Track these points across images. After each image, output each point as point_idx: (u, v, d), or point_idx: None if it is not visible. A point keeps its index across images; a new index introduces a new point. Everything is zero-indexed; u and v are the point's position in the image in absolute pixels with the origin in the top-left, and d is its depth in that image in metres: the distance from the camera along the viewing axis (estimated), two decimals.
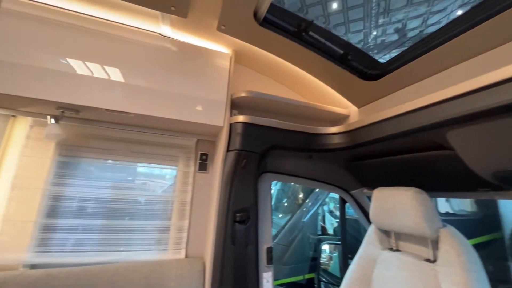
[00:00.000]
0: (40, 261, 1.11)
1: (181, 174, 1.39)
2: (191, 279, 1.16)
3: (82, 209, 1.21)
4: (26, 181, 1.14)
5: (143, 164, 1.37)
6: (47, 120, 1.13)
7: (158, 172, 1.42)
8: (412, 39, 1.97)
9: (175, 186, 1.38)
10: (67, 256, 1.14)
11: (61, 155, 1.22)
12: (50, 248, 1.13)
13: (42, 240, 1.13)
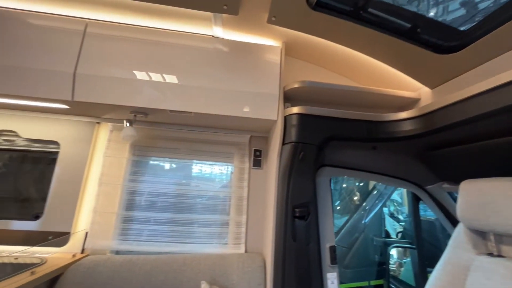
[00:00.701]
0: (122, 248, 1.26)
1: (237, 170, 1.42)
2: (252, 274, 1.16)
3: (152, 203, 1.34)
4: (109, 178, 1.32)
5: (202, 162, 1.44)
6: (123, 124, 1.28)
7: (216, 168, 1.48)
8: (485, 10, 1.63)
9: (231, 182, 1.42)
10: (142, 245, 1.27)
11: (135, 155, 1.38)
12: (129, 237, 1.28)
13: (123, 230, 1.28)
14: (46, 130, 1.32)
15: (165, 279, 1.10)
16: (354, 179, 3.23)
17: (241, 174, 1.42)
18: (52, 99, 1.12)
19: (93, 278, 1.06)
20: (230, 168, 1.45)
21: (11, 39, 1.12)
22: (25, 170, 1.38)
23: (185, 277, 1.11)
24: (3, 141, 1.32)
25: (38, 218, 1.24)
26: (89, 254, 1.20)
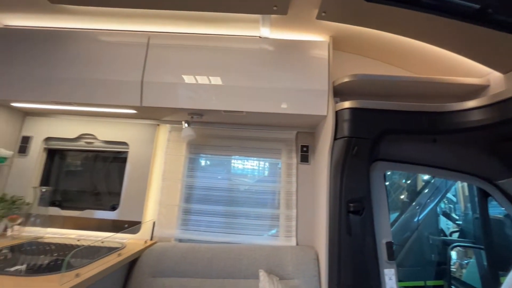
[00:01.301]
0: (184, 236, 1.40)
1: (284, 165, 1.46)
2: (307, 266, 1.19)
3: (208, 197, 1.46)
4: (170, 174, 1.47)
5: (252, 158, 1.51)
6: (182, 125, 1.41)
7: (265, 164, 1.54)
8: None
9: (280, 177, 1.46)
10: (201, 235, 1.39)
11: (191, 153, 1.51)
12: (189, 227, 1.41)
13: (184, 220, 1.42)
14: (117, 132, 1.51)
15: (224, 266, 1.19)
16: (399, 177, 3.04)
17: (289, 169, 1.45)
18: (125, 106, 1.28)
19: (164, 262, 1.20)
20: (278, 163, 1.50)
21: (87, 56, 1.30)
22: (101, 168, 1.60)
23: (242, 265, 1.19)
24: (84, 143, 1.55)
25: (115, 209, 1.44)
26: (157, 242, 1.35)
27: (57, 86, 1.27)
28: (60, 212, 1.44)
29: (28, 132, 1.53)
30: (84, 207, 1.48)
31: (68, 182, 1.59)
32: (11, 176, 1.46)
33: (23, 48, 1.31)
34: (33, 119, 1.55)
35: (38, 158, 1.50)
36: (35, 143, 1.51)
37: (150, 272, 1.17)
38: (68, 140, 1.54)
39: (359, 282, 1.05)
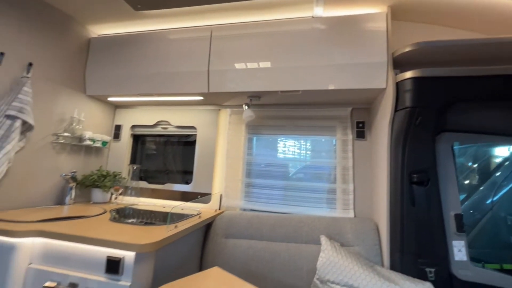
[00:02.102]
0: (247, 207, 1.57)
1: (340, 142, 1.50)
2: (366, 235, 1.24)
3: (267, 172, 1.60)
4: (233, 152, 1.64)
5: (307, 136, 1.59)
6: (240, 109, 1.56)
7: (320, 141, 1.60)
8: None
9: (336, 153, 1.51)
10: (262, 206, 1.54)
11: (249, 133, 1.66)
12: (251, 199, 1.58)
13: (247, 193, 1.59)
14: (187, 118, 1.75)
15: (286, 232, 1.32)
16: (465, 159, 2.74)
17: (344, 146, 1.49)
18: (194, 93, 1.48)
19: (233, 226, 1.39)
20: (333, 140, 1.54)
21: (161, 53, 1.53)
22: (175, 150, 1.88)
23: (303, 232, 1.30)
24: (161, 128, 1.83)
25: (189, 183, 1.69)
26: (225, 211, 1.55)
27: (140, 81, 1.54)
28: (147, 185, 1.75)
29: (119, 121, 1.88)
30: (165, 181, 1.77)
31: (149, 162, 1.91)
32: (110, 157, 1.84)
33: (113, 52, 1.61)
34: (121, 111, 1.89)
35: (127, 142, 1.84)
36: (125, 130, 1.86)
37: (223, 234, 1.37)
38: (148, 127, 1.84)
39: (424, 251, 1.06)
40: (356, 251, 1.21)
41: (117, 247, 0.85)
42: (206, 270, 1.01)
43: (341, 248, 1.17)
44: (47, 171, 1.41)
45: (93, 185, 1.57)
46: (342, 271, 1.06)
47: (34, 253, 0.94)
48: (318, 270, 1.12)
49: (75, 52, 1.58)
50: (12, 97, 1.22)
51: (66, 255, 0.91)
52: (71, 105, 1.54)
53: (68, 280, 0.88)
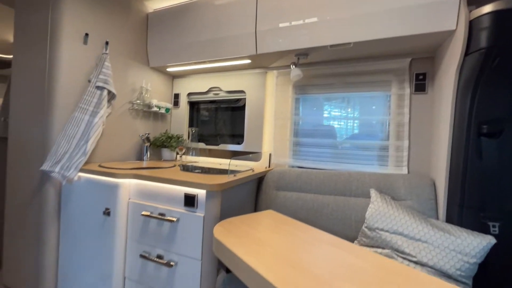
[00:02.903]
0: (296, 164, 1.66)
1: (395, 97, 1.41)
2: (421, 190, 1.21)
3: (315, 131, 1.63)
4: (280, 113, 1.71)
5: (357, 93, 1.53)
6: (287, 70, 1.57)
7: (372, 98, 1.53)
8: None
9: (389, 109, 1.44)
10: (310, 163, 1.61)
11: (297, 93, 1.68)
12: (299, 157, 1.65)
13: (295, 152, 1.67)
14: (236, 83, 1.85)
15: (335, 186, 1.38)
16: None
17: (400, 101, 1.40)
18: (243, 57, 1.54)
19: (284, 180, 1.50)
20: (387, 96, 1.46)
21: (208, 20, 1.59)
22: (227, 115, 2.03)
23: (353, 186, 1.34)
24: (212, 94, 1.98)
25: (240, 144, 1.84)
26: (274, 168, 1.67)
27: (193, 49, 1.66)
28: (204, 146, 1.98)
29: (177, 90, 2.09)
30: (219, 142, 1.97)
31: (204, 126, 2.12)
32: (172, 122, 2.10)
33: (167, 24, 1.75)
34: (178, 80, 2.09)
35: (185, 109, 2.06)
36: (182, 98, 2.07)
37: (274, 186, 1.51)
38: (202, 94, 2.01)
39: (488, 205, 1.00)
40: (408, 205, 1.21)
41: (191, 186, 1.04)
42: (262, 211, 1.17)
43: (392, 201, 1.19)
44: (128, 133, 1.71)
45: (162, 146, 1.85)
46: (392, 220, 1.09)
47: (131, 191, 1.21)
48: (367, 219, 1.17)
49: (138, 28, 1.77)
50: (98, 71, 1.48)
51: (153, 192, 1.16)
52: (139, 76, 1.78)
53: (157, 211, 1.13)
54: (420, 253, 0.98)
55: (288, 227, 0.97)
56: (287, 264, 0.69)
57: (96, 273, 1.22)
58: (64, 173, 1.27)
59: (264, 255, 0.72)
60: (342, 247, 0.82)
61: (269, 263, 0.68)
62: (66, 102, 1.39)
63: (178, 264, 1.07)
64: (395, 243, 1.05)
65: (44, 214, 1.34)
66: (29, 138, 1.45)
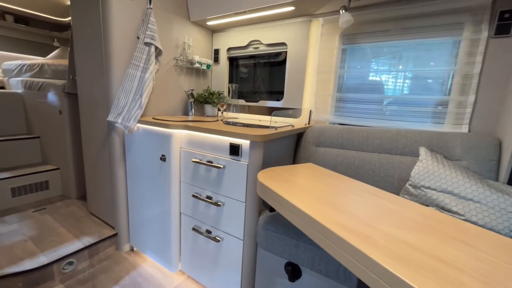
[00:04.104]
0: (338, 121, 1.61)
1: (466, 43, 1.20)
2: (481, 150, 1.10)
3: (362, 85, 1.52)
4: (324, 67, 1.61)
5: (417, 40, 1.34)
6: (334, 17, 1.41)
7: (434, 45, 1.33)
8: None
9: (456, 58, 1.24)
10: (354, 120, 1.54)
11: (344, 44, 1.54)
12: (342, 114, 1.59)
13: (337, 108, 1.60)
14: (277, 34, 1.75)
15: (380, 143, 1.32)
16: None
17: (472, 47, 1.19)
18: (285, 3, 1.42)
19: (324, 136, 1.49)
20: (456, 42, 1.25)
21: None
22: (266, 71, 1.98)
23: (399, 144, 1.27)
24: (252, 49, 1.92)
25: (280, 100, 1.83)
26: (314, 125, 1.65)
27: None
28: (244, 103, 2.01)
29: (216, 45, 2.08)
30: (259, 99, 1.98)
31: (243, 83, 2.12)
32: (213, 78, 2.14)
33: None
34: (218, 35, 2.06)
35: (225, 65, 2.07)
36: (222, 54, 2.06)
37: (313, 142, 1.51)
38: (241, 48, 1.97)
39: None
40: (463, 165, 1.12)
41: (236, 137, 1.11)
42: (302, 164, 1.21)
43: (444, 159, 1.11)
44: (174, 88, 1.82)
45: (204, 101, 1.94)
46: (441, 179, 1.04)
47: (182, 140, 1.34)
48: (412, 177, 1.13)
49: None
50: (145, 27, 1.53)
51: (201, 142, 1.26)
52: (181, 32, 1.80)
53: (205, 158, 1.25)
54: (469, 212, 0.94)
55: (328, 178, 1.00)
56: (329, 206, 0.73)
57: (157, 207, 1.46)
58: (126, 123, 1.44)
59: (307, 198, 0.78)
60: (384, 196, 0.83)
61: (311, 204, 0.73)
62: (121, 59, 1.50)
63: (225, 205, 1.21)
64: (441, 201, 1.01)
65: (113, 157, 1.59)
66: (94, 93, 1.65)
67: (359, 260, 0.51)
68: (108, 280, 1.45)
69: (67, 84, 2.06)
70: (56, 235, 1.68)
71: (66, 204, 2.15)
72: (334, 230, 0.58)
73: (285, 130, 1.32)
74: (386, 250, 0.52)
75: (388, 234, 0.59)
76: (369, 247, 0.52)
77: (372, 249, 0.52)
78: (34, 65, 2.46)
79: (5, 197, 2.01)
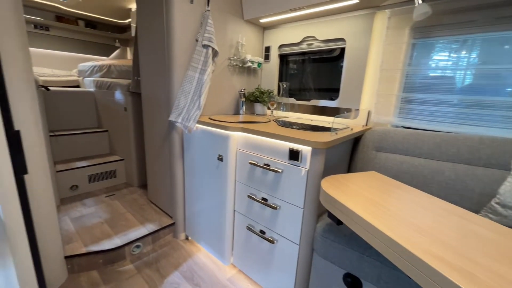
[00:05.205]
0: (403, 124, 1.47)
1: None
2: None
3: (434, 85, 1.35)
4: (389, 64, 1.47)
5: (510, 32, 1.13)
6: (408, 6, 1.27)
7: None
8: None
9: None
10: (423, 124, 1.39)
11: (415, 38, 1.38)
12: (408, 116, 1.45)
13: (402, 109, 1.46)
14: (335, 30, 1.65)
15: (457, 152, 1.17)
16: None
17: None
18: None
19: (386, 140, 1.38)
20: None
21: None
22: (319, 68, 1.90)
23: (482, 154, 1.11)
24: (306, 45, 1.85)
25: (334, 100, 1.74)
26: (373, 127, 1.54)
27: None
28: (295, 101, 1.97)
29: (268, 42, 2.05)
30: (309, 98, 1.92)
31: (293, 80, 2.07)
32: (263, 76, 2.14)
33: None
34: (269, 32, 2.03)
35: (275, 62, 2.04)
36: (273, 51, 2.03)
37: (373, 146, 1.41)
38: (294, 45, 1.91)
39: None
40: None
41: (296, 142, 1.09)
42: (364, 172, 1.14)
43: None
44: (227, 88, 1.87)
45: (255, 100, 1.95)
46: None
47: (239, 142, 1.38)
48: (500, 194, 0.98)
49: None
50: (203, 29, 1.58)
51: (258, 144, 1.28)
52: (235, 31, 1.82)
53: (262, 161, 1.27)
54: None
55: (400, 191, 0.93)
56: (410, 227, 0.68)
57: (212, 202, 1.54)
58: (185, 123, 1.54)
59: (382, 215, 0.73)
60: (473, 220, 0.73)
61: (389, 223, 0.69)
62: (181, 61, 1.58)
63: (281, 208, 1.22)
64: None
65: (172, 153, 1.72)
66: (156, 93, 1.78)
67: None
68: (169, 265, 1.61)
69: (131, 84, 2.27)
70: (124, 219, 1.91)
71: (130, 192, 2.42)
72: (427, 260, 0.54)
73: (345, 134, 1.25)
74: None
75: (493, 271, 0.52)
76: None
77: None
78: (103, 66, 2.76)
79: (84, 182, 2.34)
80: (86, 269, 1.52)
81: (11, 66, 1.06)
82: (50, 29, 3.55)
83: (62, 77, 3.18)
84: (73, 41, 3.83)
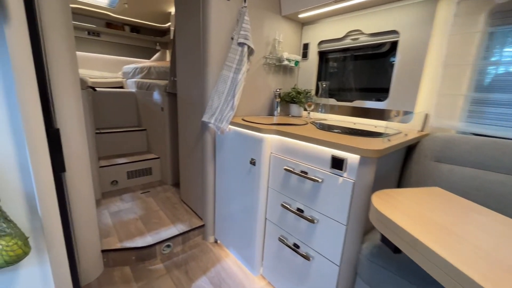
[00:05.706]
0: (473, 130, 1.21)
1: None
2: None
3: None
4: (455, 58, 1.23)
5: None
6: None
7: None
8: None
9: None
10: (501, 131, 1.13)
11: (493, 25, 1.13)
12: (481, 120, 1.19)
13: (472, 112, 1.21)
14: (386, 21, 1.45)
15: None
16: None
17: None
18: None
19: (451, 149, 1.15)
20: None
21: None
22: (364, 65, 1.70)
23: None
24: (350, 40, 1.67)
25: (381, 101, 1.53)
26: (431, 132, 1.31)
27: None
28: (336, 102, 1.80)
29: (306, 39, 1.92)
30: (351, 99, 1.73)
31: (333, 79, 1.90)
32: (300, 75, 2.01)
33: None
34: (308, 28, 1.89)
35: (314, 60, 1.89)
36: (312, 48, 1.89)
37: (432, 156, 1.19)
38: (336, 41, 1.75)
39: None
40: None
41: (341, 149, 0.95)
42: (426, 188, 0.95)
43: None
44: (262, 88, 1.78)
45: (291, 101, 1.83)
46: None
47: (273, 145, 1.28)
48: None
49: None
50: (239, 27, 1.51)
51: (294, 149, 1.16)
52: (272, 28, 1.72)
53: (299, 167, 1.14)
54: None
55: (480, 217, 0.73)
56: (504, 270, 0.50)
57: (243, 207, 1.47)
58: (218, 124, 1.48)
59: (462, 250, 0.56)
60: None
61: (475, 264, 0.52)
62: (216, 61, 1.54)
63: (319, 222, 1.08)
64: None
65: (205, 154, 1.69)
66: (191, 93, 1.77)
67: None
68: (197, 268, 1.57)
69: (168, 84, 2.32)
70: (157, 217, 1.94)
71: (164, 189, 2.48)
72: None
73: (400, 141, 1.07)
74: None
75: None
76: None
77: None
78: (143, 68, 2.89)
79: (123, 178, 2.47)
80: (120, 264, 1.56)
81: (58, 67, 1.11)
82: (100, 35, 3.87)
83: (109, 78, 3.43)
84: (119, 45, 4.13)
